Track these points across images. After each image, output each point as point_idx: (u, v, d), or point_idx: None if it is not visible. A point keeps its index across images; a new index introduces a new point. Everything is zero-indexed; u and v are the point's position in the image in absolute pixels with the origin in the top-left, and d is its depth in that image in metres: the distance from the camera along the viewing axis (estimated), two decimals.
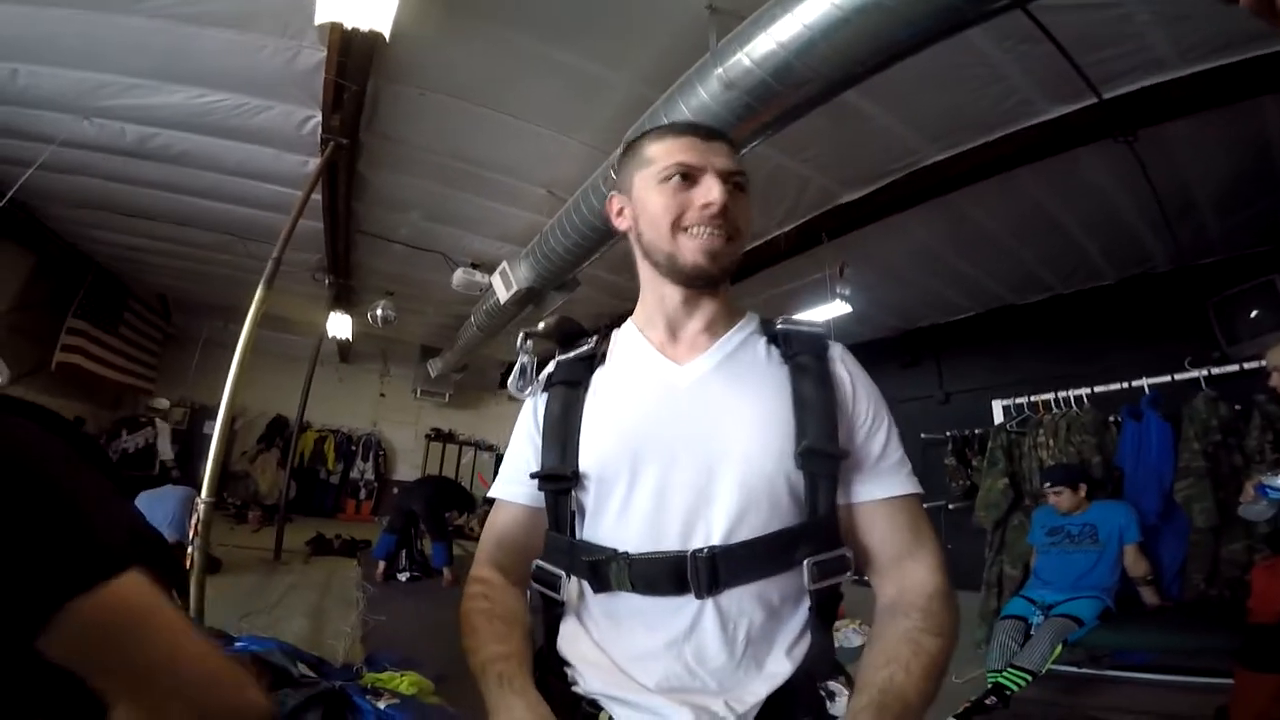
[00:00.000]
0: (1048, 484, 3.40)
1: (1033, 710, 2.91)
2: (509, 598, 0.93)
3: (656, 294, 0.95)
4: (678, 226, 0.88)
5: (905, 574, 0.85)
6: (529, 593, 0.95)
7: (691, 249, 0.87)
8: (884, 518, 0.87)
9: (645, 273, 0.97)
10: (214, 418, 3.05)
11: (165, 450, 6.59)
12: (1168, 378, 3.71)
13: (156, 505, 4.30)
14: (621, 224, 0.99)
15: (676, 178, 0.88)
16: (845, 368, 0.93)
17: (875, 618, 0.85)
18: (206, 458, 3.01)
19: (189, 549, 2.91)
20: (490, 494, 1.00)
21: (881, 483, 0.87)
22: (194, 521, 2.93)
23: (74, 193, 4.61)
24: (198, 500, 2.95)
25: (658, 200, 0.89)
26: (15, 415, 0.60)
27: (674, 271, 0.90)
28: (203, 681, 0.61)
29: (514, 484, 0.96)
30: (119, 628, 0.54)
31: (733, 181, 0.89)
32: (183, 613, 0.64)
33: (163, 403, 7.40)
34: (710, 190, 0.87)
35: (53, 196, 4.70)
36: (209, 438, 3.07)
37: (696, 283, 0.91)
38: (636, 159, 0.95)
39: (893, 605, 0.84)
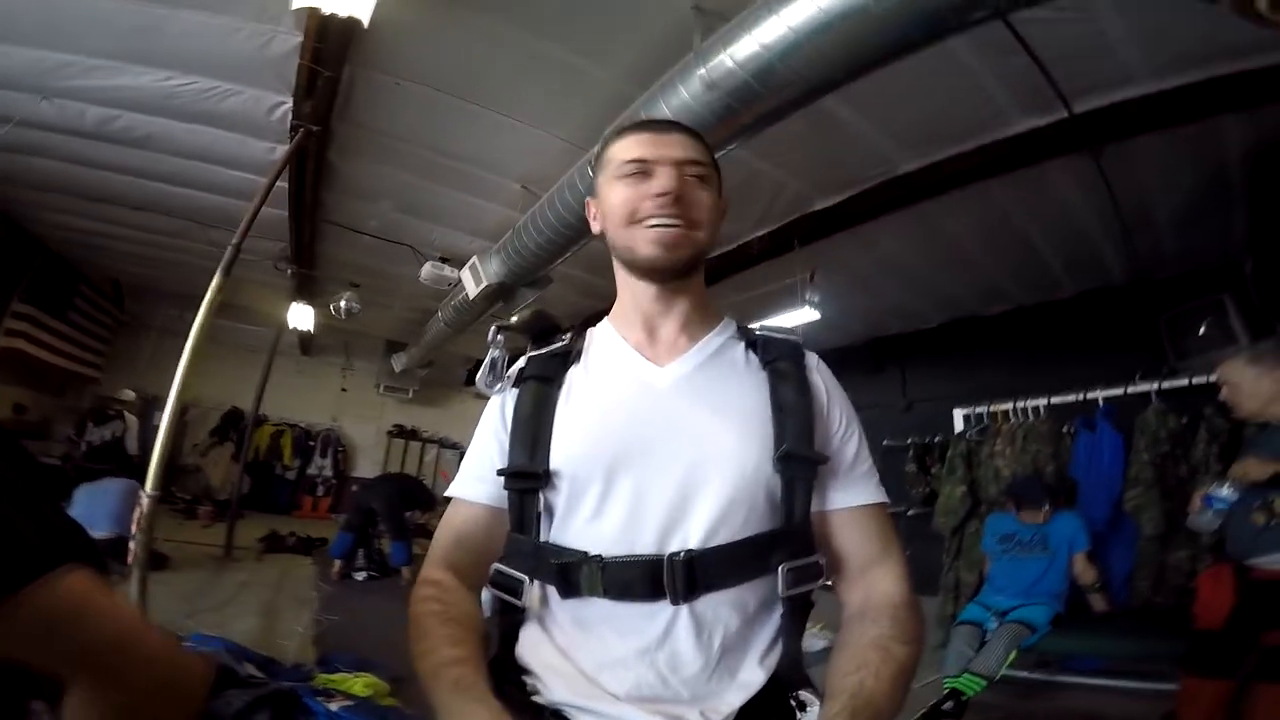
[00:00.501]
0: (1029, 506, 3.40)
1: (989, 715, 2.96)
2: (463, 600, 0.88)
3: (630, 292, 0.95)
4: (631, 220, 0.88)
5: (872, 582, 0.86)
6: (489, 596, 0.91)
7: (644, 240, 0.87)
8: (854, 525, 0.88)
9: (619, 272, 0.97)
10: (164, 409, 2.94)
11: (134, 444, 6.37)
12: (1121, 390, 3.83)
13: (97, 498, 4.16)
14: (595, 227, 0.98)
15: (632, 174, 0.89)
16: (820, 376, 0.94)
17: (842, 625, 0.85)
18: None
19: (130, 544, 2.80)
20: (449, 492, 0.95)
21: (853, 491, 0.88)
22: (137, 516, 2.83)
23: (28, 174, 4.44)
24: (141, 493, 2.84)
25: (615, 197, 0.90)
26: None
27: (635, 266, 0.90)
28: (145, 657, 0.66)
29: (476, 481, 0.92)
30: (56, 620, 0.57)
31: (690, 171, 0.89)
32: (120, 598, 0.69)
33: (128, 394, 7.10)
34: (662, 180, 0.86)
35: (3, 177, 4.52)
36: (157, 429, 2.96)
37: (656, 276, 0.90)
38: (601, 161, 0.96)
39: (860, 613, 0.84)
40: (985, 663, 2.87)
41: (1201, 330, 3.88)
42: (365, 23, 2.37)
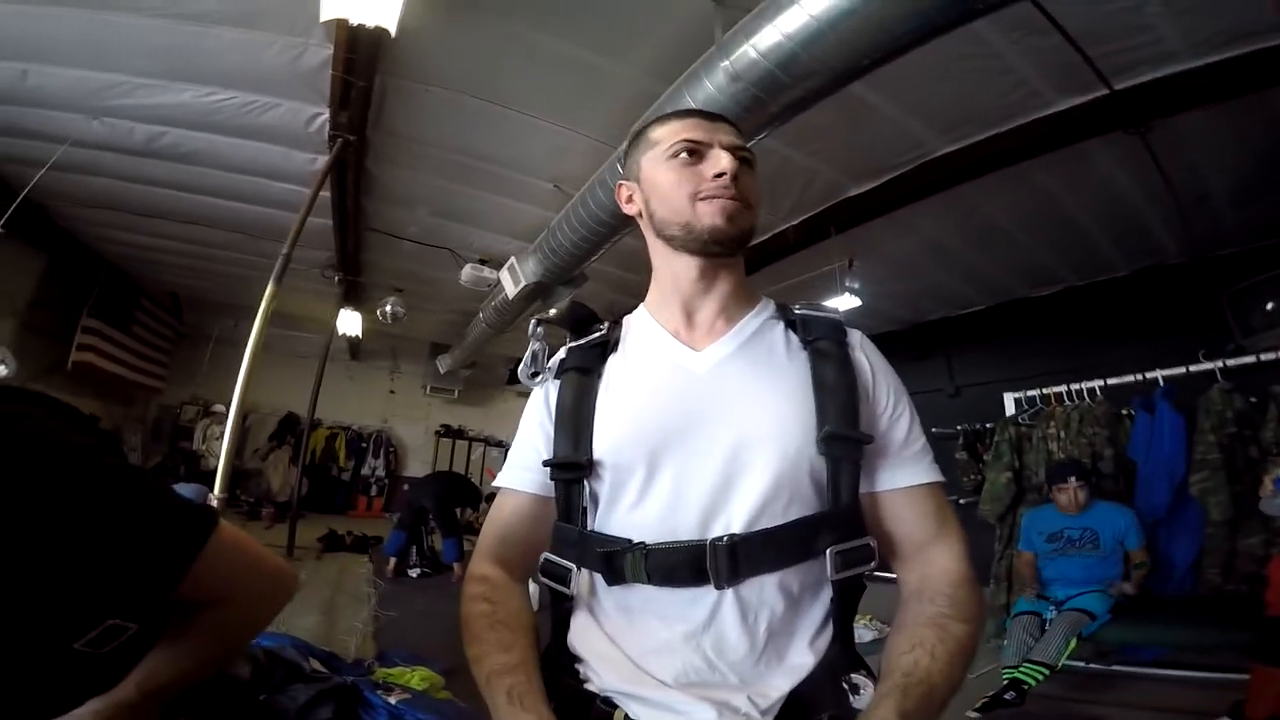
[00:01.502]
0: (1072, 477, 3.30)
1: (1050, 707, 2.88)
2: (512, 597, 0.89)
3: (670, 272, 0.94)
4: (694, 196, 0.88)
5: (929, 561, 0.84)
6: (538, 588, 0.92)
7: (709, 212, 0.86)
8: (908, 506, 0.86)
9: (659, 252, 0.96)
10: (227, 416, 3.07)
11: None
12: (1182, 370, 3.67)
13: None
14: (630, 209, 0.98)
15: (684, 153, 0.89)
16: (865, 354, 0.91)
17: (900, 605, 0.83)
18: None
19: None
20: (496, 483, 0.96)
21: (905, 470, 0.86)
22: None
23: (85, 192, 4.64)
24: (210, 496, 2.96)
25: (668, 176, 0.90)
26: (62, 416, 0.75)
27: (691, 240, 0.89)
28: (272, 570, 0.94)
29: (523, 471, 0.93)
30: (230, 554, 0.82)
31: (739, 156, 0.88)
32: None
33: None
34: (719, 160, 0.87)
35: (64, 196, 4.73)
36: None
37: (713, 248, 0.89)
38: (642, 144, 0.96)
39: (918, 591, 0.82)
40: (1045, 651, 2.80)
41: (1269, 306, 3.68)
42: (393, 32, 2.41)
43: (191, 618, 0.82)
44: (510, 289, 4.65)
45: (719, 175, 0.86)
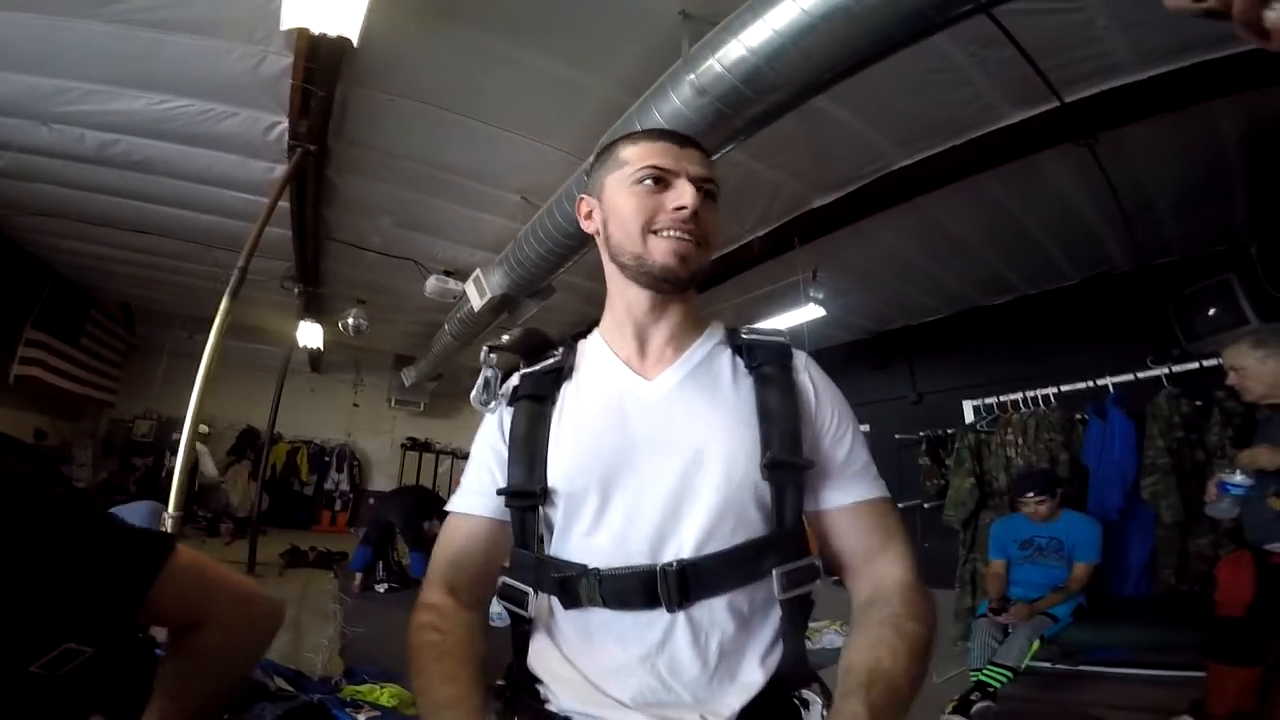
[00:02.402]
0: (1030, 493, 3.32)
1: (1016, 708, 2.93)
2: (460, 627, 0.88)
3: (623, 299, 0.95)
4: (648, 229, 0.88)
5: (877, 570, 0.87)
6: (501, 608, 0.92)
7: (661, 250, 0.87)
8: (854, 522, 0.88)
9: (612, 277, 0.97)
10: (181, 430, 2.97)
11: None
12: (1130, 376, 3.79)
13: (128, 517, 4.20)
14: (589, 226, 0.98)
15: (649, 180, 0.89)
16: (809, 376, 0.94)
17: (853, 614, 0.86)
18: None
19: None
20: (450, 507, 0.96)
21: (849, 488, 0.89)
22: None
23: (33, 200, 4.49)
24: (164, 514, 2.87)
25: (629, 202, 0.89)
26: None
27: (641, 274, 0.90)
28: (245, 593, 0.92)
29: (477, 496, 0.94)
30: (190, 576, 0.83)
31: (704, 189, 0.90)
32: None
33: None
34: (683, 194, 0.87)
35: (9, 204, 4.57)
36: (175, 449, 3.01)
37: (663, 286, 0.91)
38: (609, 161, 0.95)
39: (870, 599, 0.85)
40: (1009, 654, 2.85)
41: (1211, 312, 3.83)
42: (355, 41, 2.37)
43: (177, 652, 0.85)
44: (476, 301, 4.61)
45: (679, 209, 0.87)
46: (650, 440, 0.85)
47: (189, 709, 0.84)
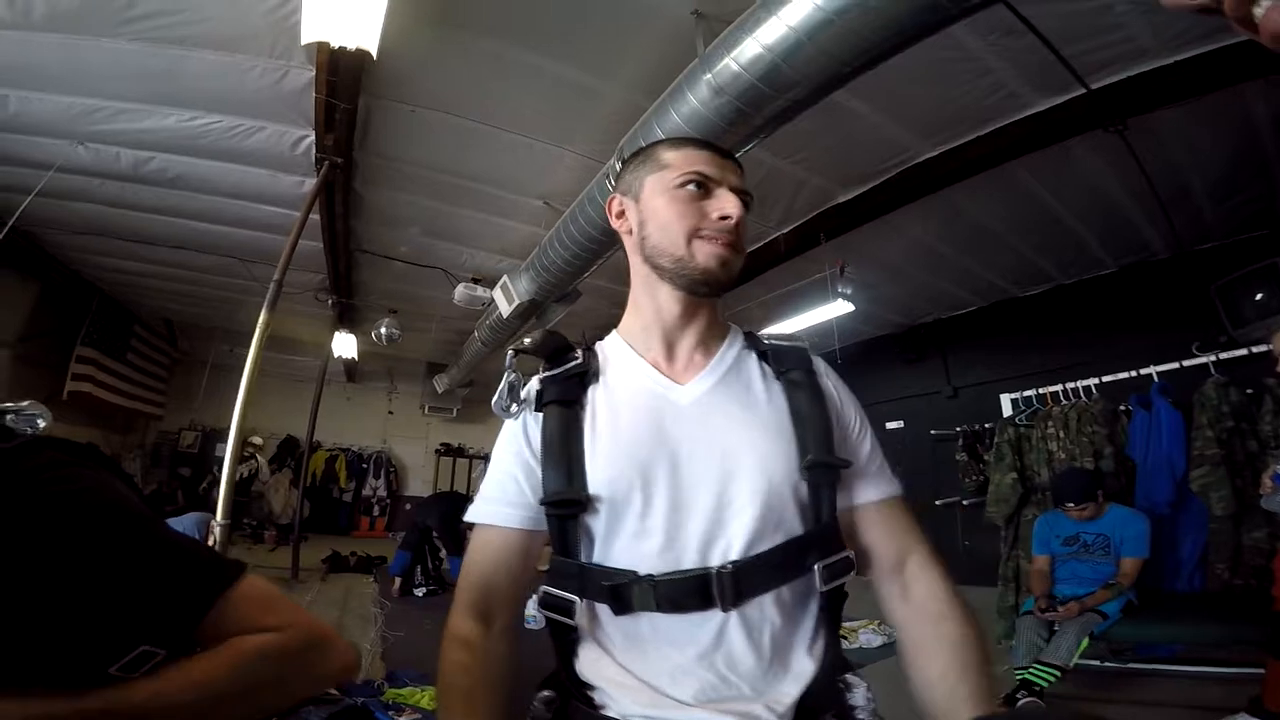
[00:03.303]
0: (1069, 504, 3.21)
1: (1069, 706, 2.85)
2: (491, 666, 0.88)
3: (653, 302, 0.95)
4: (694, 233, 0.89)
5: (914, 579, 0.91)
6: (539, 612, 0.91)
7: (706, 253, 0.89)
8: (880, 519, 0.93)
9: (643, 278, 0.96)
10: (225, 440, 3.05)
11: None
12: (1176, 364, 3.67)
13: (175, 528, 4.33)
14: (621, 226, 0.98)
15: (693, 185, 0.90)
16: (830, 381, 0.97)
17: (902, 623, 0.91)
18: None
19: None
20: (470, 517, 0.94)
21: (873, 486, 0.93)
22: (211, 543, 2.95)
23: (73, 219, 4.64)
24: (212, 522, 2.96)
25: (672, 206, 0.91)
26: (94, 463, 0.81)
27: (681, 276, 0.91)
28: (316, 632, 0.90)
29: (504, 506, 0.92)
30: (256, 602, 0.84)
31: (743, 201, 0.92)
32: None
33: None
34: (727, 203, 0.89)
35: (53, 223, 4.73)
36: (221, 460, 3.09)
37: (702, 289, 0.91)
38: (649, 163, 0.96)
39: (923, 610, 0.89)
40: (1057, 652, 2.78)
41: (1258, 297, 3.68)
42: (374, 54, 2.42)
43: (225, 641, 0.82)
44: (504, 307, 4.65)
45: (724, 218, 0.89)
46: (689, 445, 0.86)
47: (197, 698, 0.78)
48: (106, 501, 0.76)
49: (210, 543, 2.94)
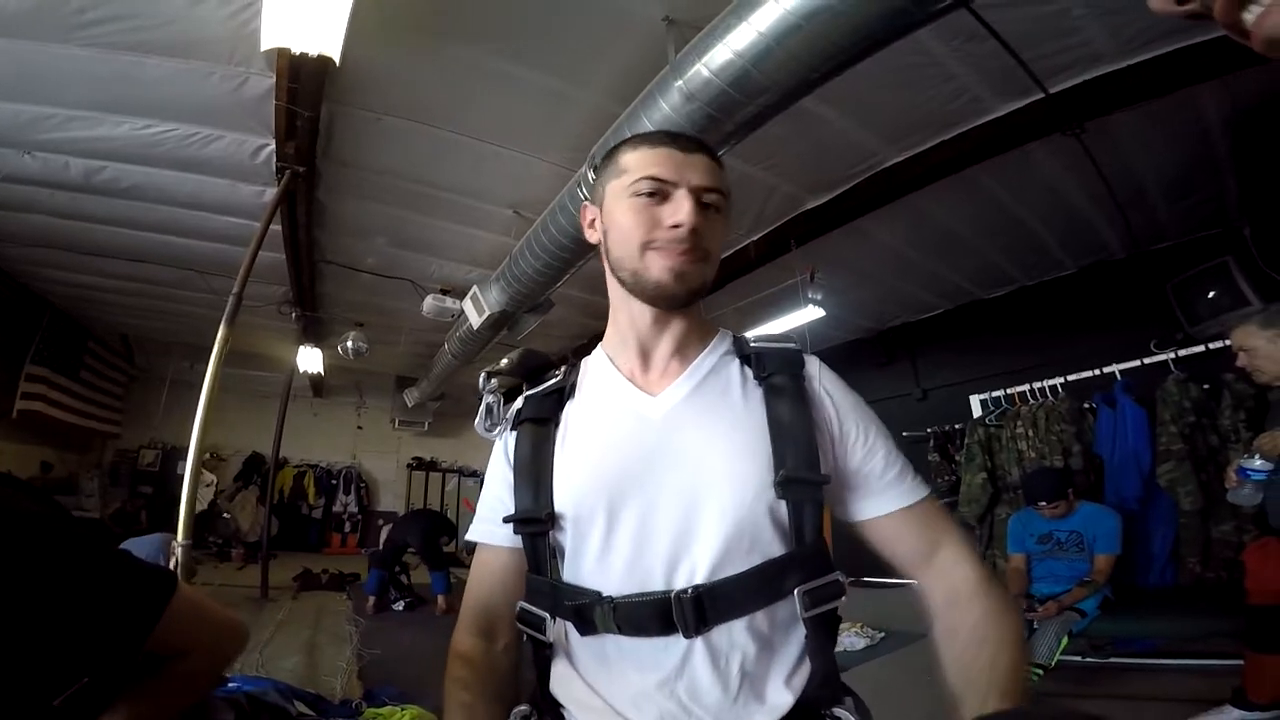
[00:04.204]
0: (1041, 503, 3.26)
1: (1055, 702, 2.87)
2: (493, 682, 0.89)
3: (627, 312, 0.92)
4: (646, 244, 0.84)
5: (947, 570, 0.85)
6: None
7: (658, 267, 0.83)
8: (903, 527, 0.86)
9: (614, 289, 0.93)
10: (186, 458, 2.95)
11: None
12: (1137, 362, 3.76)
13: (138, 549, 4.20)
14: (592, 236, 0.95)
15: (645, 193, 0.84)
16: (824, 385, 0.89)
17: (935, 612, 0.84)
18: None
19: None
20: (470, 536, 0.96)
21: (890, 497, 0.86)
22: (172, 564, 2.84)
23: (22, 231, 4.45)
24: (174, 543, 2.85)
25: (626, 215, 0.85)
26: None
27: (639, 289, 0.86)
28: (226, 623, 1.04)
29: (494, 525, 0.92)
30: (189, 610, 0.92)
31: (707, 199, 0.85)
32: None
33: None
34: (679, 209, 0.82)
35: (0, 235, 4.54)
36: (182, 478, 2.97)
37: (661, 303, 0.87)
38: (611, 167, 0.91)
39: (954, 596, 0.83)
40: (1039, 651, 2.81)
41: (1211, 295, 3.80)
42: (337, 60, 2.36)
43: (159, 670, 0.91)
44: (474, 319, 4.59)
45: (675, 226, 0.82)
46: (657, 460, 0.82)
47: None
48: (30, 520, 0.76)
49: (171, 564, 2.84)
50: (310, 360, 6.47)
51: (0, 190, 3.70)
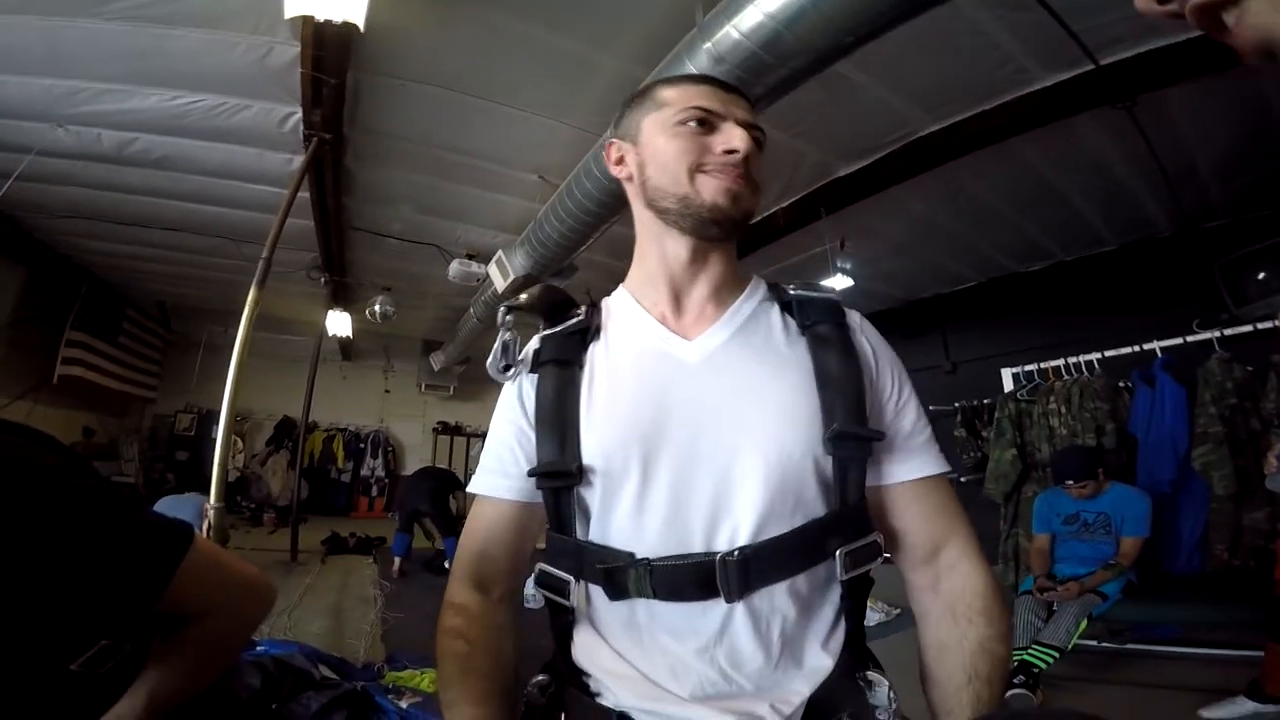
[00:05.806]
0: (1069, 481, 3.17)
1: (1063, 688, 2.86)
2: (490, 633, 0.84)
3: (659, 250, 0.86)
4: (696, 168, 0.80)
5: (948, 565, 0.81)
6: (535, 591, 0.86)
7: (711, 188, 0.79)
8: (916, 500, 0.81)
9: (647, 226, 0.87)
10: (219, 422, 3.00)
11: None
12: (1179, 340, 3.63)
13: (175, 508, 4.33)
14: (621, 172, 0.89)
15: (694, 122, 0.80)
16: (866, 338, 0.85)
17: (927, 616, 0.82)
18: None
19: None
20: (472, 489, 0.88)
21: (912, 462, 0.81)
22: (204, 527, 2.91)
23: (59, 202, 4.55)
24: (206, 505, 2.92)
25: (673, 144, 0.81)
26: (34, 442, 0.77)
27: (687, 216, 0.81)
28: (249, 581, 0.96)
29: (500, 477, 0.86)
30: (206, 566, 0.85)
31: (752, 135, 0.81)
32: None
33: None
34: (732, 136, 0.79)
35: (38, 207, 4.64)
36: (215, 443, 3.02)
37: (712, 229, 0.81)
38: (646, 103, 0.87)
39: (951, 609, 0.80)
40: (1055, 633, 2.76)
41: (1261, 276, 3.66)
42: (361, 27, 2.34)
43: (180, 632, 0.86)
44: (499, 283, 4.61)
45: (730, 152, 0.79)
46: (696, 411, 0.77)
47: (181, 688, 0.85)
48: (42, 473, 0.71)
49: (204, 528, 2.91)
50: (339, 324, 6.57)
51: (36, 164, 3.74)
